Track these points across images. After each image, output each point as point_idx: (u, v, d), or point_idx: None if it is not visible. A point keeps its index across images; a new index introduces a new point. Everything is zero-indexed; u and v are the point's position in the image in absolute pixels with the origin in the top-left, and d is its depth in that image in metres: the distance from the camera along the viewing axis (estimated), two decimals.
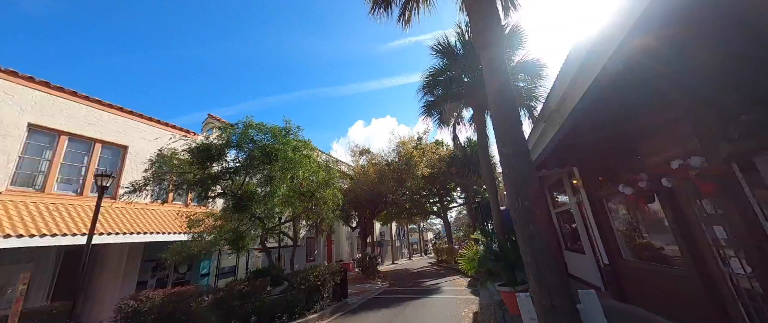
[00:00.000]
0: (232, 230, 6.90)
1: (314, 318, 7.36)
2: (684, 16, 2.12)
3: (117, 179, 9.28)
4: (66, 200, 8.41)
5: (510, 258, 6.38)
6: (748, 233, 2.94)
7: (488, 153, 8.46)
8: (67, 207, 8.15)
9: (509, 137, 2.62)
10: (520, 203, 2.40)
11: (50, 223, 7.10)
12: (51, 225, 7.02)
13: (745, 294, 3.36)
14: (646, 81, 3.32)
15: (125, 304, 5.75)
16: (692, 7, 2.01)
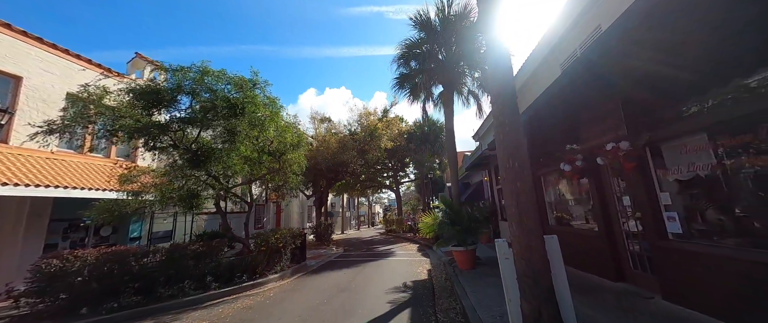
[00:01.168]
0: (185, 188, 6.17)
1: (275, 278, 7.35)
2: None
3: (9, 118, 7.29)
4: None
5: (464, 223, 7.26)
6: (647, 201, 3.98)
7: (453, 130, 9.07)
8: None
9: (507, 107, 2.94)
10: (511, 164, 2.81)
11: None
12: None
13: (632, 245, 4.62)
14: (591, 82, 4.02)
15: (46, 263, 4.86)
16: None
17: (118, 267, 5.43)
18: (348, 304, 5.06)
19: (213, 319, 4.67)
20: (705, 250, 3.25)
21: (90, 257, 5.27)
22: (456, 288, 5.46)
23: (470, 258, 7.00)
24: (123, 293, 5.35)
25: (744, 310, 2.83)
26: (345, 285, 6.57)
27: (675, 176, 3.71)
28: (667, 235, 3.77)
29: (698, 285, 3.30)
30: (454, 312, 4.49)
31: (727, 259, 3.02)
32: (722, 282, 3.02)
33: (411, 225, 20.44)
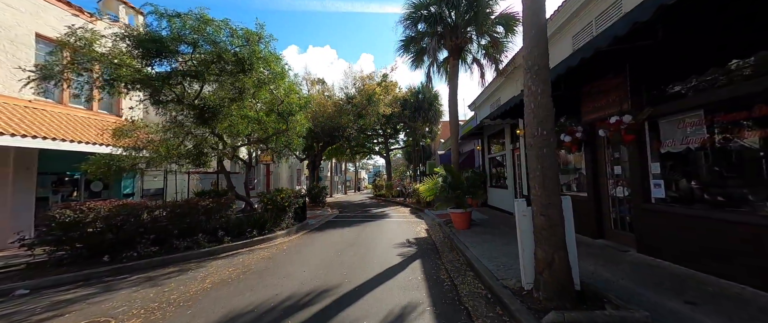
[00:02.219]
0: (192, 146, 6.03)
1: (282, 234, 7.69)
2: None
3: None
4: None
5: (464, 188, 7.77)
6: (639, 170, 4.48)
7: (456, 98, 9.16)
8: None
9: (539, 76, 3.10)
10: (539, 132, 3.06)
11: None
12: None
13: (616, 209, 5.26)
14: (604, 58, 4.20)
15: (60, 213, 4.83)
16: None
17: (132, 219, 5.48)
18: (361, 256, 5.52)
19: (236, 266, 4.98)
20: (682, 211, 3.83)
21: (103, 209, 5.26)
22: (456, 244, 6.04)
23: (467, 219, 7.62)
24: (139, 244, 5.48)
25: (707, 258, 3.47)
26: (352, 241, 7.03)
27: (668, 149, 4.16)
28: (651, 199, 4.34)
29: (672, 240, 3.94)
30: (459, 262, 5.06)
31: (699, 218, 3.60)
32: (693, 238, 3.64)
33: (400, 190, 21.23)
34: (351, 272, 4.51)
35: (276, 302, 3.42)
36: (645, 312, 2.57)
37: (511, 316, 2.92)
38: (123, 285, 4.21)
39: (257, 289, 3.84)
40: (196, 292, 3.79)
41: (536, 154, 3.07)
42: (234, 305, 3.35)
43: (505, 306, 3.11)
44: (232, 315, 3.10)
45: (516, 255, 4.84)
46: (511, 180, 10.23)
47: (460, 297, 3.50)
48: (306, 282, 4.10)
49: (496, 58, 9.09)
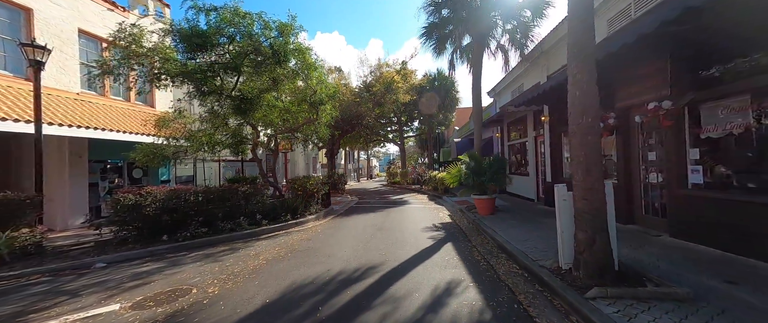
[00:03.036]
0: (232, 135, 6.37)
1: (313, 218, 8.11)
2: None
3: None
4: None
5: (488, 175, 7.89)
6: (675, 156, 4.50)
7: (480, 84, 9.12)
8: None
9: (585, 65, 3.16)
10: (584, 120, 3.15)
11: None
12: None
13: (649, 194, 5.31)
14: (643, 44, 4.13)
15: (124, 197, 5.32)
16: None
17: (183, 203, 5.94)
18: (393, 239, 5.82)
19: (281, 246, 5.39)
20: (723, 196, 3.87)
21: (159, 194, 5.73)
22: (484, 229, 6.25)
23: (491, 205, 7.79)
24: (189, 225, 5.96)
25: (748, 241, 3.55)
26: (380, 225, 7.36)
27: (708, 134, 4.15)
28: (688, 185, 4.38)
29: (709, 225, 4.01)
30: (489, 245, 5.28)
31: (741, 203, 3.64)
32: (733, 222, 3.70)
33: (415, 178, 21.44)
34: (388, 253, 4.81)
35: (330, 276, 3.76)
36: (687, 288, 2.73)
37: (552, 292, 3.14)
38: (187, 261, 4.67)
39: (308, 266, 4.20)
40: (255, 267, 4.19)
41: (580, 141, 3.18)
42: (293, 278, 3.71)
43: (545, 283, 3.32)
44: (295, 286, 3.45)
45: (544, 238, 5.05)
46: (533, 167, 10.24)
47: (498, 276, 3.74)
48: (350, 260, 4.43)
49: (522, 44, 8.93)
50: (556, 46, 8.05)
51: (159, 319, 2.78)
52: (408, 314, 2.75)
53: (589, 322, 2.48)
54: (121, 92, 9.71)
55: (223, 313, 2.86)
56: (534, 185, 10.13)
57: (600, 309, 2.56)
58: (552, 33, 8.01)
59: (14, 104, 6.08)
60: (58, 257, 4.87)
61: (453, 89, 19.33)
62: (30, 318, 2.95)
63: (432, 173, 16.69)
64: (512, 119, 12.28)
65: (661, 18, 3.25)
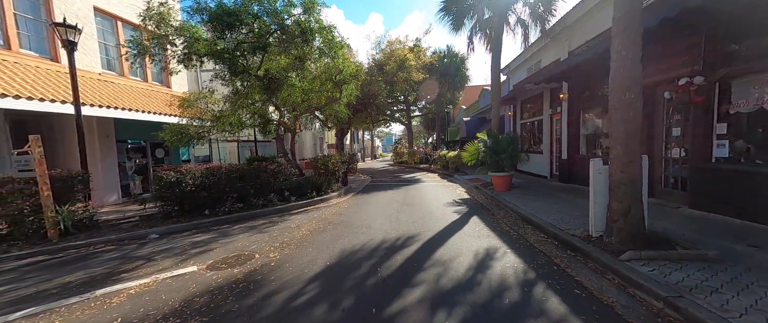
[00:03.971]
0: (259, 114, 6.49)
1: (335, 195, 8.42)
2: None
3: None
4: None
5: (505, 152, 8.07)
6: (702, 131, 4.64)
7: (499, 61, 9.03)
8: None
9: (632, 41, 3.21)
10: (626, 96, 3.27)
11: (20, 85, 5.46)
12: (22, 87, 5.43)
13: (669, 169, 5.50)
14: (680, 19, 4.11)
15: (166, 174, 5.59)
16: None
17: (220, 180, 6.21)
18: (421, 213, 6.12)
19: (317, 220, 5.71)
20: (747, 169, 4.07)
21: (197, 171, 5.99)
22: (505, 204, 6.52)
23: (508, 182, 8.04)
24: (225, 201, 6.27)
25: (764, 211, 3.78)
26: (402, 201, 7.66)
27: (738, 109, 4.26)
28: (712, 158, 4.56)
29: (730, 196, 4.23)
30: (512, 218, 5.57)
31: (763, 175, 3.84)
32: (756, 193, 3.92)
33: (422, 158, 21.64)
34: (420, 225, 5.12)
35: (375, 244, 4.07)
36: (715, 250, 3.00)
37: (585, 256, 3.42)
38: (234, 232, 5.01)
39: (350, 236, 4.52)
40: (302, 237, 4.51)
41: (621, 117, 3.32)
42: (342, 246, 4.03)
43: (577, 248, 3.61)
44: (347, 252, 3.77)
45: (566, 211, 5.33)
46: (547, 145, 10.39)
47: (531, 243, 4.03)
48: (388, 231, 4.74)
49: (544, 18, 8.73)
50: (580, 21, 7.89)
51: (239, 277, 3.12)
52: (459, 274, 3.06)
53: (626, 279, 2.76)
54: (139, 72, 9.71)
55: (294, 272, 3.19)
56: (547, 162, 10.33)
57: (636, 269, 2.84)
58: (578, 6, 7.81)
59: (47, 85, 6.18)
60: (112, 229, 5.22)
61: (463, 67, 18.99)
62: (122, 276, 3.30)
63: (441, 153, 16.86)
64: (526, 97, 12.24)
65: None
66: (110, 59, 8.82)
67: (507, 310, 2.38)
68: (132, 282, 3.12)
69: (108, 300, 2.79)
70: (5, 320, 2.50)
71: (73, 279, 3.28)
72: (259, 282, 3.00)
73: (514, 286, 2.77)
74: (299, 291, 2.78)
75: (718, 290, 2.40)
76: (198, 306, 2.56)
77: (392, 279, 2.97)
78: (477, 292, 2.67)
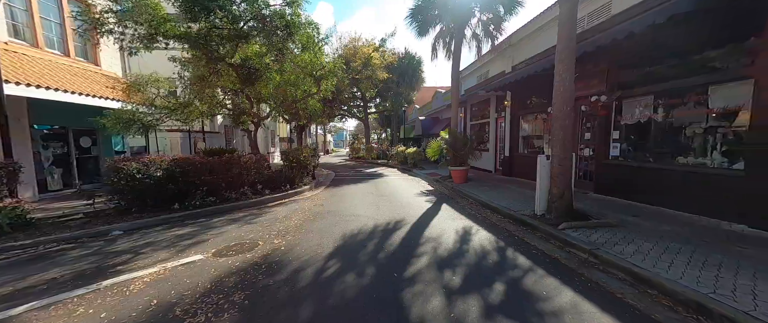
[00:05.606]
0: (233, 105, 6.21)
1: (307, 188, 8.49)
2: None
3: None
4: None
5: (462, 148, 9.27)
6: (604, 136, 6.31)
7: (458, 67, 10.19)
8: None
9: (568, 68, 4.34)
10: (565, 109, 4.40)
11: None
12: None
13: (580, 164, 7.25)
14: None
15: (125, 165, 5.05)
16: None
17: (187, 172, 5.80)
18: (397, 202, 6.75)
19: (301, 211, 5.85)
20: (630, 164, 5.76)
21: (163, 163, 5.49)
22: (465, 193, 7.62)
23: (465, 175, 9.28)
24: (194, 195, 5.91)
25: (641, 192, 5.47)
26: (376, 192, 8.19)
27: (625, 121, 5.97)
28: (609, 157, 6.26)
29: (621, 183, 5.92)
30: (474, 205, 6.62)
31: (642, 168, 5.52)
32: (636, 180, 5.60)
33: (379, 153, 22.46)
34: (402, 212, 5.75)
35: (370, 228, 4.54)
36: (614, 220, 4.33)
37: (535, 229, 4.50)
38: (217, 224, 4.86)
39: (344, 223, 4.88)
40: (296, 226, 4.69)
41: (561, 124, 4.46)
42: (340, 231, 4.38)
43: (527, 224, 4.69)
44: (348, 236, 4.15)
45: (513, 198, 6.61)
46: (493, 144, 12.13)
47: (493, 222, 5.02)
48: (376, 218, 5.24)
49: (493, 35, 10.18)
50: (522, 42, 9.51)
51: (256, 260, 3.26)
52: (450, 245, 3.77)
53: (563, 241, 3.84)
54: (56, 43, 8.04)
55: (309, 253, 3.46)
56: (493, 159, 12.08)
57: (569, 234, 3.95)
58: (520, 30, 9.39)
59: None
60: (56, 228, 4.51)
61: (419, 69, 20.29)
62: (119, 269, 3.10)
63: (399, 149, 17.85)
64: (476, 101, 13.93)
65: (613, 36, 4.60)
66: (19, 26, 7.15)
67: (492, 266, 3.16)
68: (138, 273, 3.00)
69: (124, 288, 2.69)
70: (8, 314, 2.26)
71: (58, 276, 2.96)
72: (280, 262, 3.22)
73: (492, 251, 3.60)
74: (323, 266, 3.12)
75: (618, 243, 3.59)
76: (232, 285, 2.71)
77: (399, 253, 3.51)
78: (468, 256, 3.41)
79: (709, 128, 4.61)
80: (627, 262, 3.00)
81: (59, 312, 2.35)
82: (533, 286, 2.71)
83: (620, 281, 2.84)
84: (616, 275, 2.96)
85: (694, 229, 4.02)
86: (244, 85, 6.10)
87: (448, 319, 2.20)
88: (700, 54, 4.59)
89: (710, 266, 2.84)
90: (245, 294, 2.55)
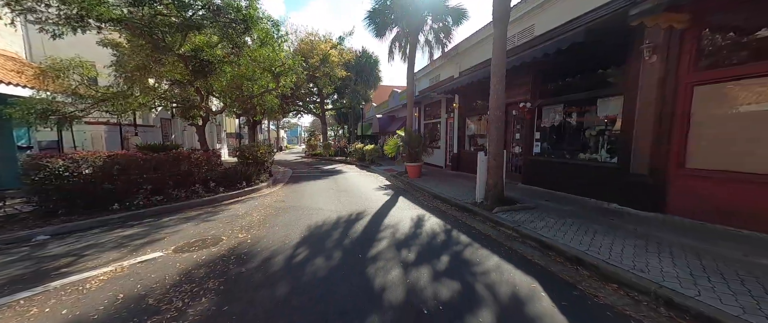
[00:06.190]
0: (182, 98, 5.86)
1: (265, 186, 8.36)
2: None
3: None
4: None
5: (417, 145, 10.07)
6: (529, 136, 7.61)
7: (413, 69, 10.94)
8: None
9: (501, 81, 5.24)
10: (497, 113, 5.29)
11: None
12: None
13: (512, 160, 8.57)
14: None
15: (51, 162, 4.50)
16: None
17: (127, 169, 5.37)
18: (357, 196, 7.16)
19: (262, 206, 5.86)
20: (546, 160, 7.09)
21: (97, 160, 4.99)
22: (419, 186, 8.39)
23: (419, 170, 10.10)
24: (136, 194, 5.50)
25: (555, 182, 6.80)
26: (336, 188, 8.47)
27: (544, 124, 7.31)
28: (532, 153, 7.59)
29: (541, 175, 7.24)
30: (427, 196, 7.39)
31: (554, 163, 6.86)
32: (551, 173, 6.92)
33: (337, 150, 22.51)
34: (363, 204, 6.18)
35: (334, 219, 4.87)
36: (532, 204, 5.40)
37: (475, 214, 5.36)
38: (170, 223, 4.66)
39: (308, 216, 5.11)
40: (260, 221, 4.77)
41: (495, 126, 5.36)
42: (305, 223, 4.62)
43: (469, 210, 5.54)
44: (313, 227, 4.43)
45: (459, 189, 7.56)
46: (444, 142, 13.29)
47: (442, 210, 5.78)
48: (339, 210, 5.57)
49: (444, 43, 11.18)
50: (467, 51, 10.65)
51: (223, 253, 3.36)
52: (406, 230, 4.34)
53: (496, 222, 4.71)
54: None
55: (277, 243, 3.67)
56: (443, 155, 13.24)
57: (500, 217, 4.85)
58: (465, 41, 10.52)
59: None
60: None
61: (376, 68, 20.84)
62: (64, 271, 2.90)
63: (357, 146, 18.21)
64: (428, 102, 15.02)
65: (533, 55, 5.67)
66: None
67: (440, 244, 3.80)
68: (91, 273, 2.88)
69: (79, 287, 2.60)
70: None
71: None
72: (249, 253, 3.38)
73: (441, 233, 4.27)
74: (293, 253, 3.38)
75: (533, 221, 4.57)
76: (203, 275, 2.82)
77: (361, 238, 3.94)
78: (421, 237, 4.01)
79: (599, 131, 6.00)
80: (537, 234, 3.91)
81: (7, 313, 2.23)
82: (470, 256, 3.40)
83: (532, 248, 3.71)
84: (530, 244, 3.84)
85: (585, 208, 5.28)
86: (195, 77, 5.80)
87: (405, 285, 2.71)
88: (594, 73, 5.94)
89: (590, 233, 3.89)
90: (219, 281, 2.72)
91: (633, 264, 2.89)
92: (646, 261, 2.94)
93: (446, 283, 2.73)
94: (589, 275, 2.94)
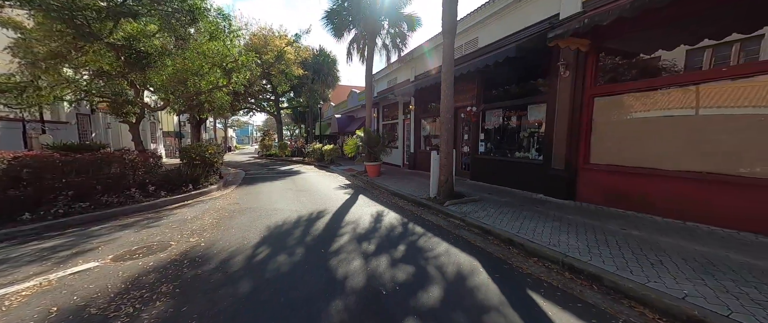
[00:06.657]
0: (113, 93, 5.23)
1: (215, 188, 7.85)
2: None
3: None
4: None
5: (379, 146, 10.41)
6: (475, 137, 8.49)
7: (371, 71, 11.22)
8: None
9: (448, 82, 5.81)
10: (448, 116, 5.85)
11: None
12: None
13: (462, 158, 9.44)
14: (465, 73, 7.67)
15: None
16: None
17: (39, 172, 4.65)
18: (317, 196, 7.18)
19: (214, 209, 5.55)
20: (489, 158, 8.01)
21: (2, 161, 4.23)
22: (378, 185, 8.72)
23: (378, 169, 10.44)
24: (55, 201, 4.80)
25: (496, 177, 7.72)
26: (295, 188, 8.33)
27: (488, 126, 8.24)
28: (478, 152, 8.48)
29: (485, 172, 8.13)
30: (386, 193, 7.75)
31: (495, 161, 7.78)
32: (494, 170, 7.84)
33: (294, 150, 21.77)
34: (323, 203, 6.26)
35: (294, 219, 4.88)
36: (477, 197, 6.11)
37: (428, 208, 5.85)
38: (103, 232, 4.18)
39: (267, 217, 5.02)
40: (213, 224, 4.55)
41: (446, 127, 5.92)
42: (264, 224, 4.56)
43: (424, 205, 6.02)
44: (272, 228, 4.40)
45: (415, 186, 8.09)
46: (401, 142, 13.88)
47: (400, 206, 6.18)
48: (298, 210, 5.57)
49: (399, 47, 11.71)
50: (421, 57, 11.34)
51: (174, 257, 3.19)
52: (366, 225, 4.59)
53: (446, 214, 5.24)
54: None
55: (235, 245, 3.60)
56: (401, 154, 13.83)
57: (450, 209, 5.40)
58: (418, 47, 11.19)
59: None
60: None
61: (335, 68, 20.69)
62: None
63: (315, 146, 17.89)
64: (386, 103, 15.49)
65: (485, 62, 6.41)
66: None
67: (397, 236, 4.13)
68: (8, 289, 2.53)
69: (4, 301, 2.29)
70: None
71: None
72: (204, 256, 3.28)
73: (398, 226, 4.62)
74: (253, 253, 3.38)
75: (477, 211, 5.20)
76: (153, 280, 2.69)
77: (323, 235, 4.08)
78: (380, 231, 4.29)
79: (530, 133, 7.01)
80: (479, 222, 4.50)
81: None
82: (424, 244, 3.80)
83: (476, 234, 4.27)
84: (474, 230, 4.41)
85: (519, 199, 6.15)
86: (130, 69, 5.22)
87: (366, 272, 2.96)
88: (526, 82, 6.92)
89: (520, 219, 4.61)
90: (173, 285, 2.63)
91: (549, 241, 3.57)
92: (558, 238, 3.66)
93: (402, 268, 3.05)
94: (517, 252, 3.54)
